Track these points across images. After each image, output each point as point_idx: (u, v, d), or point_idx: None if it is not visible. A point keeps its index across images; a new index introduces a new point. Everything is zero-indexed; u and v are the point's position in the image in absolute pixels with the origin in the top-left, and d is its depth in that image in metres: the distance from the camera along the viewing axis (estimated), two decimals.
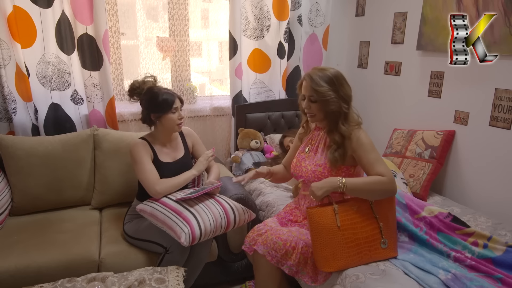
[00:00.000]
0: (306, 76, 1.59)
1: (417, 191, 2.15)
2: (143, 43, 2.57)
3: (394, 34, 2.60)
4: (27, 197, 2.01)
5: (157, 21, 2.56)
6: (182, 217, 1.62)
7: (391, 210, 1.57)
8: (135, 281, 1.40)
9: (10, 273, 1.59)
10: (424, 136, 2.29)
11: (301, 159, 1.71)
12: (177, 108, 1.80)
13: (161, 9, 2.55)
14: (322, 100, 1.54)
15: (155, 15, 2.56)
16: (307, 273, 1.55)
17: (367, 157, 1.53)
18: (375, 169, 1.51)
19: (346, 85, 1.58)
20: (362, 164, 1.57)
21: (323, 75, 1.56)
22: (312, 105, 1.58)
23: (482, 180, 2.09)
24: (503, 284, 1.37)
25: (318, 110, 1.58)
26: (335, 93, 1.55)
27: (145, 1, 2.52)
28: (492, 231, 1.75)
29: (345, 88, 1.57)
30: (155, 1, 2.54)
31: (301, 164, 1.70)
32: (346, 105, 1.57)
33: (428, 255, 1.53)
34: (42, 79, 2.22)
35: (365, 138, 1.56)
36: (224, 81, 2.94)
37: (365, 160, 1.53)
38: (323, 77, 1.55)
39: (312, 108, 1.59)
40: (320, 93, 1.54)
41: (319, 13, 2.79)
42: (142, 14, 2.51)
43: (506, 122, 1.93)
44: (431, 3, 2.25)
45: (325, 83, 1.54)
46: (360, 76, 2.95)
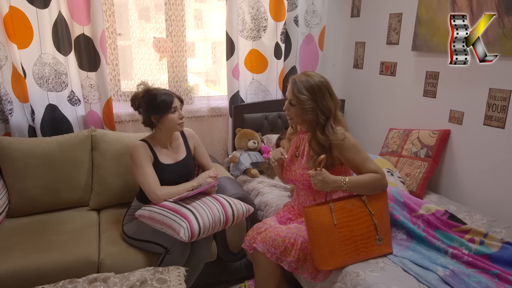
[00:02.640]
0: (291, 79, 1.62)
1: (414, 189, 2.18)
2: (139, 43, 2.56)
3: (389, 35, 2.63)
4: (24, 199, 2.00)
5: (152, 22, 2.55)
6: (180, 214, 1.62)
7: (385, 208, 1.61)
8: (136, 281, 1.40)
9: (9, 275, 1.58)
10: (419, 136, 2.32)
11: (291, 164, 1.76)
12: (176, 107, 1.80)
13: (153, 9, 2.54)
14: (300, 107, 1.57)
15: (148, 15, 2.56)
16: (306, 269, 1.58)
17: (356, 159, 1.57)
18: (367, 169, 1.56)
19: (328, 97, 1.57)
20: (351, 166, 1.61)
21: (307, 82, 1.57)
22: (292, 108, 1.62)
23: (477, 178, 2.12)
24: (500, 279, 1.40)
25: (295, 115, 1.62)
26: (315, 103, 1.55)
27: (139, 1, 2.51)
28: (488, 228, 1.78)
29: (326, 100, 1.56)
30: (151, 1, 2.54)
31: (291, 168, 1.74)
32: (324, 116, 1.56)
33: (426, 252, 1.56)
34: (39, 80, 2.21)
35: (350, 142, 1.57)
36: (217, 82, 2.94)
37: (355, 162, 1.58)
38: (306, 85, 1.56)
39: (290, 111, 1.63)
40: (300, 101, 1.56)
41: (315, 14, 2.81)
42: (133, 14, 2.50)
43: (500, 121, 1.96)
44: (426, 4, 2.28)
45: (306, 91, 1.55)
46: (356, 77, 2.98)
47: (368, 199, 1.57)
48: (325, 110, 1.57)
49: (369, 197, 1.58)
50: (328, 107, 1.57)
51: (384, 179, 1.56)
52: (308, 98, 1.55)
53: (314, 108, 1.55)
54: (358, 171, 1.59)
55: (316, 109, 1.55)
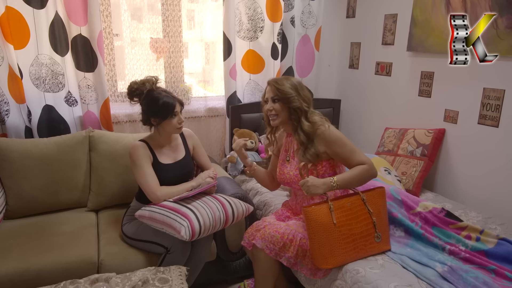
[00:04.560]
0: (268, 81, 1.72)
1: (410, 188, 2.21)
2: (136, 44, 2.56)
3: (384, 36, 2.66)
4: (22, 200, 1.99)
5: (149, 22, 2.55)
6: (180, 213, 1.63)
7: (383, 205, 1.64)
8: (138, 281, 1.40)
9: (8, 277, 1.57)
10: (415, 135, 2.35)
11: (283, 167, 1.79)
12: (177, 112, 1.79)
13: (150, 10, 2.54)
14: (285, 98, 1.66)
15: (143, 16, 2.55)
16: (305, 265, 1.60)
17: (343, 151, 1.61)
18: (355, 161, 1.60)
19: (306, 91, 1.72)
20: (339, 159, 1.65)
21: (285, 79, 1.71)
22: (275, 105, 1.68)
23: (471, 177, 2.16)
24: (496, 274, 1.44)
25: (281, 109, 1.68)
26: (296, 92, 1.67)
27: (136, 1, 2.51)
28: (483, 225, 1.82)
29: (306, 92, 1.71)
30: (149, 1, 2.54)
31: (283, 172, 1.77)
32: (306, 104, 1.68)
33: (424, 249, 1.59)
34: (36, 81, 2.20)
35: (335, 134, 1.64)
36: (211, 82, 2.94)
37: (342, 155, 1.62)
38: (285, 81, 1.69)
39: (275, 108, 1.68)
40: (283, 92, 1.66)
41: (311, 15, 2.83)
42: (128, 14, 2.50)
43: (494, 120, 2.00)
44: (421, 5, 2.31)
45: (287, 83, 1.68)
46: (352, 77, 3.01)
47: (367, 198, 1.59)
48: (306, 99, 1.69)
49: (368, 195, 1.60)
50: (308, 96, 1.71)
51: (372, 168, 1.59)
52: (291, 87, 1.66)
53: (298, 96, 1.66)
54: (346, 163, 1.64)
55: (300, 97, 1.67)
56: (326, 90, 3.16)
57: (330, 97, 3.15)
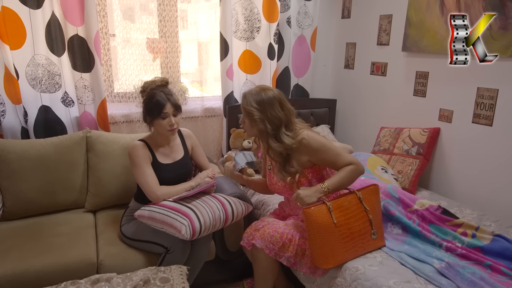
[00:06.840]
0: (242, 94, 1.69)
1: (406, 186, 2.24)
2: (133, 44, 2.55)
3: (379, 36, 2.69)
4: (19, 201, 1.98)
5: (146, 22, 2.54)
6: (181, 212, 1.63)
7: (377, 202, 1.67)
8: (140, 281, 1.40)
9: (7, 278, 1.56)
10: (410, 134, 2.38)
11: (270, 177, 1.81)
12: (167, 113, 1.75)
13: (148, 9, 2.53)
14: (249, 118, 1.64)
15: (140, 16, 2.55)
16: (305, 264, 1.61)
17: (328, 157, 1.63)
18: (341, 163, 1.61)
19: (277, 108, 1.62)
20: (326, 164, 1.67)
21: (257, 95, 1.63)
22: (246, 120, 1.68)
23: (466, 175, 2.20)
24: (492, 270, 1.47)
25: (248, 127, 1.69)
26: (262, 114, 1.61)
27: (134, 1, 2.50)
28: (478, 222, 1.85)
29: (276, 111, 1.62)
30: (147, 1, 2.53)
31: (272, 181, 1.79)
32: (272, 126, 1.62)
33: (422, 246, 1.61)
34: (32, 81, 2.18)
35: (317, 141, 1.62)
36: (204, 83, 2.94)
37: (328, 160, 1.63)
38: (256, 98, 1.63)
39: (245, 124, 1.69)
40: (247, 112, 1.63)
41: (307, 15, 2.85)
42: (123, 14, 2.49)
43: (488, 119, 2.04)
44: (416, 6, 2.35)
45: (255, 103, 1.62)
46: (347, 77, 3.04)
47: (363, 196, 1.62)
48: (274, 120, 1.62)
49: (363, 193, 1.63)
50: (278, 116, 1.62)
51: (360, 165, 1.61)
52: (256, 109, 1.61)
53: (262, 118, 1.62)
54: (333, 166, 1.66)
55: (264, 120, 1.62)
56: (321, 90, 3.19)
57: (325, 97, 3.18)
